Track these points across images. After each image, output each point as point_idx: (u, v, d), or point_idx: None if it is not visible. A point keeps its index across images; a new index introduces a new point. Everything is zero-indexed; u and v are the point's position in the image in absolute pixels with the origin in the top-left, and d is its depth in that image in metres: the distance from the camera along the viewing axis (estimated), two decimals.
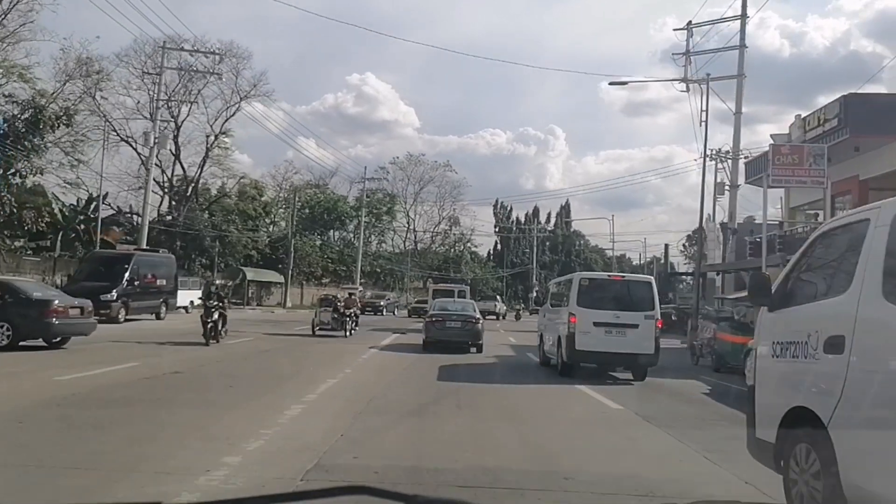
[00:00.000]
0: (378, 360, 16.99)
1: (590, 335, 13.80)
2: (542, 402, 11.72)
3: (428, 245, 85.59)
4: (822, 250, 5.21)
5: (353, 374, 13.82)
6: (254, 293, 55.85)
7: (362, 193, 63.44)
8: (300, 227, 61.90)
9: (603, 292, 14.61)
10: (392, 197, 73.47)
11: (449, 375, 14.44)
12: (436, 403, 10.38)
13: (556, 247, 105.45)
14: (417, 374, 14.49)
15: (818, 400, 4.41)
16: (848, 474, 4.02)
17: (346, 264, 66.51)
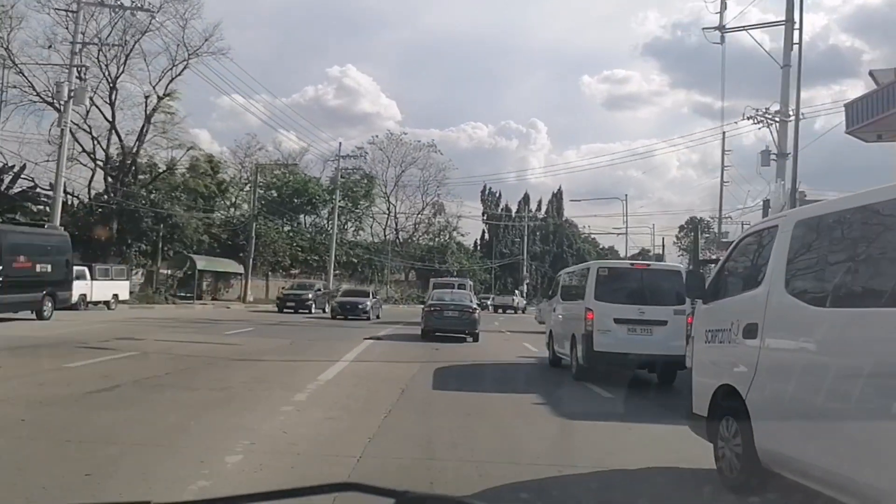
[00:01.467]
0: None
1: (610, 334, 12.15)
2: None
3: (410, 233, 78.12)
4: (743, 251, 6.19)
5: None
6: (209, 286, 48.16)
7: (336, 173, 55.81)
8: (264, 209, 54.20)
9: (624, 283, 12.85)
10: (370, 178, 65.82)
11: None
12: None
13: (548, 237, 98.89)
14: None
15: (738, 378, 5.29)
16: (761, 439, 4.93)
17: (319, 253, 58.93)
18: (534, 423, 7.97)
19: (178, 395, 8.59)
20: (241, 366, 11.98)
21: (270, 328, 21.71)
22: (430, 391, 10.09)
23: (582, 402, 10.24)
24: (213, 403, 8.17)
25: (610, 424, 8.02)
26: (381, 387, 10.02)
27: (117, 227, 38.35)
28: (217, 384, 9.55)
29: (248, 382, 9.89)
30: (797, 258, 4.99)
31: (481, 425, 7.61)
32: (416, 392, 9.76)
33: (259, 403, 8.30)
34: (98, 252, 37.30)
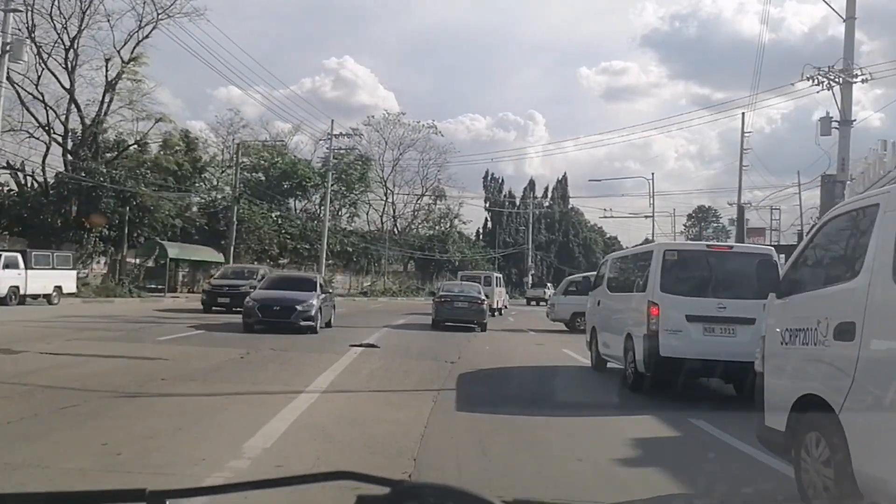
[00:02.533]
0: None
1: (681, 335, 9.57)
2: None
3: (409, 221, 73.21)
4: (830, 236, 5.29)
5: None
6: (186, 276, 43.35)
7: (329, 153, 50.84)
8: (248, 192, 49.33)
9: (698, 271, 10.39)
10: (366, 160, 60.75)
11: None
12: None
13: (553, 225, 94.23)
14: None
15: (829, 387, 4.46)
16: (859, 462, 4.04)
17: (310, 241, 54.07)
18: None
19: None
20: (139, 406, 7.21)
21: (225, 329, 16.86)
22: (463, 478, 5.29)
23: (651, 425, 7.49)
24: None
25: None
26: (367, 463, 5.22)
27: (76, 210, 33.49)
28: (58, 456, 4.79)
29: (113, 455, 5.10)
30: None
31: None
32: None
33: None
34: (52, 239, 32.53)
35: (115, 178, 32.79)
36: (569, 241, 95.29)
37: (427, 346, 15.02)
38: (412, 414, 7.26)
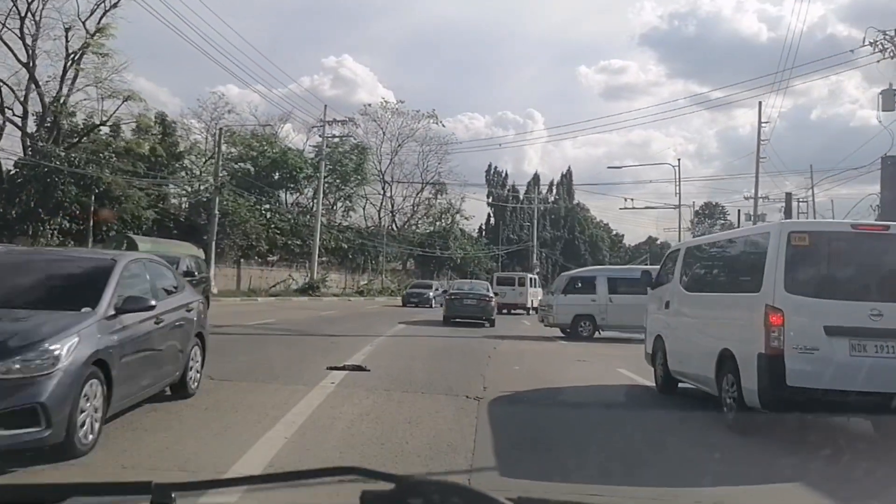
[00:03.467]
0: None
1: (817, 355, 6.62)
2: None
3: (409, 216, 69.24)
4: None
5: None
6: None
7: (322, 140, 46.93)
8: (235, 183, 45.44)
9: (842, 263, 7.34)
10: (362, 150, 56.69)
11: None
12: None
13: (559, 221, 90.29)
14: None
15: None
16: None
17: (302, 237, 50.11)
18: None
19: None
20: None
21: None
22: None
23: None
24: None
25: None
26: None
27: (33, 200, 29.54)
28: None
29: None
30: None
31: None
32: None
33: None
34: (4, 232, 28.64)
35: (74, 161, 28.70)
36: (574, 238, 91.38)
37: (437, 366, 11.07)
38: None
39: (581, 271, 23.20)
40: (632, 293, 16.76)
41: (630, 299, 17.13)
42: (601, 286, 18.69)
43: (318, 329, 16.86)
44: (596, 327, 18.59)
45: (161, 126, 38.26)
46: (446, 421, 6.72)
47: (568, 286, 19.61)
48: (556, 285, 21.30)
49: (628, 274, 19.55)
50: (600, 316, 18.41)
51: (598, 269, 25.45)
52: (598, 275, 19.82)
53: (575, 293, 19.04)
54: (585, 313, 18.60)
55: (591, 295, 18.58)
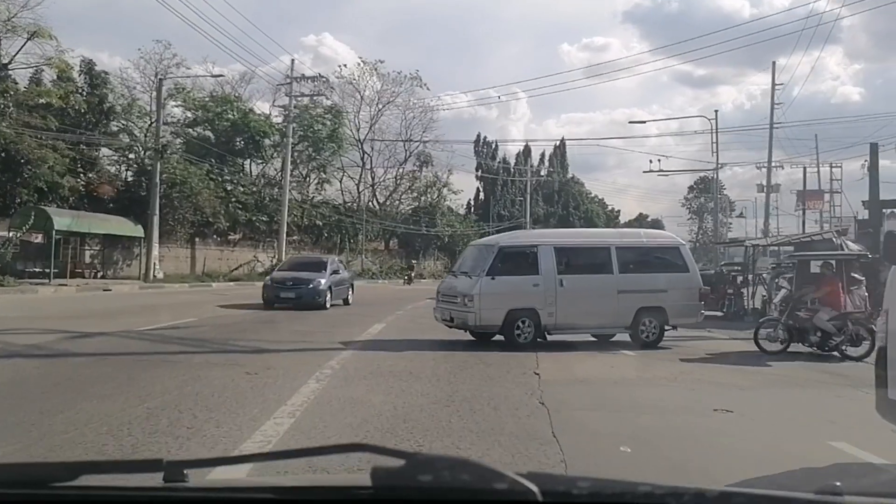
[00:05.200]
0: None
1: None
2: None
3: (391, 190, 62.84)
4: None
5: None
6: (97, 256, 32.89)
7: (289, 98, 40.31)
8: (186, 149, 38.95)
9: None
10: (337, 113, 50.09)
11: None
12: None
13: (552, 196, 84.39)
14: None
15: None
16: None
17: (269, 213, 43.74)
18: None
19: None
20: None
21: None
22: None
23: None
24: None
25: None
26: None
27: None
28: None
29: None
30: None
31: None
32: None
33: None
34: None
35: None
36: (569, 213, 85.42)
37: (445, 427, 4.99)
38: None
39: (514, 237, 14.71)
40: (594, 272, 12.28)
41: (592, 282, 12.12)
42: (546, 261, 11.83)
43: (230, 341, 10.72)
44: (540, 329, 11.70)
45: (87, 76, 31.52)
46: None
47: (495, 263, 11.81)
48: (471, 260, 12.94)
49: (589, 241, 13.61)
50: (547, 310, 11.64)
51: (538, 233, 17.59)
52: (540, 243, 12.26)
53: (506, 273, 11.83)
54: (523, 306, 11.64)
55: (532, 276, 11.81)
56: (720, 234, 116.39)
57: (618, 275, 12.06)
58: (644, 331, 12.06)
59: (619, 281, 12.02)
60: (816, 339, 11.59)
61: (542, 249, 11.96)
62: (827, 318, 11.43)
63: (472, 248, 14.13)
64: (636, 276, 12.28)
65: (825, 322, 11.45)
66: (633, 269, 12.34)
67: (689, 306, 12.47)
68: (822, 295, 11.84)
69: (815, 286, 12.27)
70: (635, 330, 12.02)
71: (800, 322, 11.67)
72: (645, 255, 12.89)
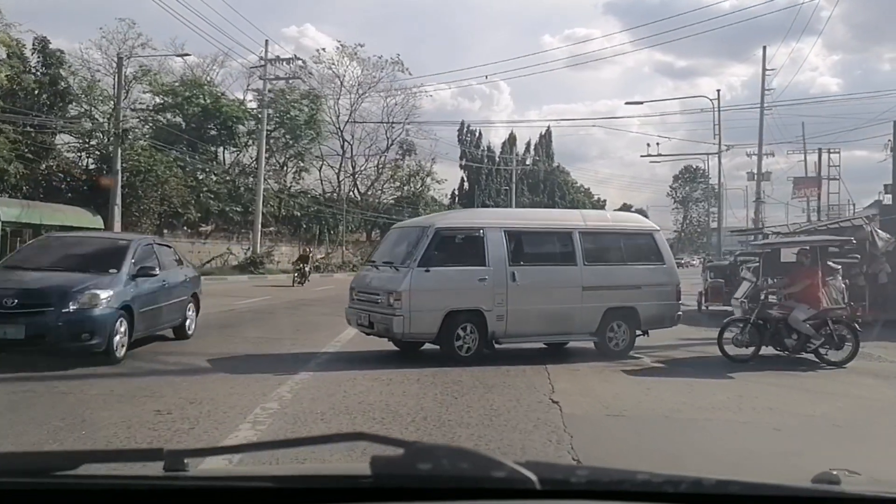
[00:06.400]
0: None
1: None
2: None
3: (373, 180, 60.60)
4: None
5: None
6: None
7: (264, 81, 37.94)
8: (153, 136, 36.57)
9: None
10: (315, 98, 47.67)
11: None
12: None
13: (538, 185, 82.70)
14: None
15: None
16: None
17: (243, 203, 41.46)
18: None
19: None
20: None
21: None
22: None
23: None
24: None
25: None
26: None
27: None
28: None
29: None
30: None
31: None
32: None
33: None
34: None
35: None
36: (555, 203, 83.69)
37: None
38: None
39: (454, 217, 12.04)
40: (554, 262, 10.02)
41: (552, 276, 9.80)
42: (496, 248, 9.38)
43: (156, 358, 8.61)
44: (487, 337, 9.24)
45: (41, 56, 29.01)
46: None
47: (430, 250, 9.16)
48: (397, 247, 10.16)
49: (547, 224, 10.70)
50: (496, 312, 9.21)
51: (485, 213, 15.15)
52: (488, 225, 9.71)
53: (445, 264, 9.21)
54: (466, 307, 9.14)
55: (478, 268, 9.29)
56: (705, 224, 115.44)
57: (582, 267, 9.75)
58: (613, 338, 9.85)
59: (585, 274, 9.73)
60: (792, 343, 9.60)
61: (490, 233, 9.40)
62: (804, 317, 9.47)
63: (399, 231, 10.83)
64: (604, 268, 9.95)
65: (802, 323, 9.48)
66: (599, 259, 10.04)
67: (666, 306, 10.28)
68: (801, 290, 9.81)
69: (790, 278, 10.21)
70: (602, 337, 9.77)
71: (772, 322, 9.68)
72: (614, 242, 10.49)
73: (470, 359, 8.82)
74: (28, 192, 28.33)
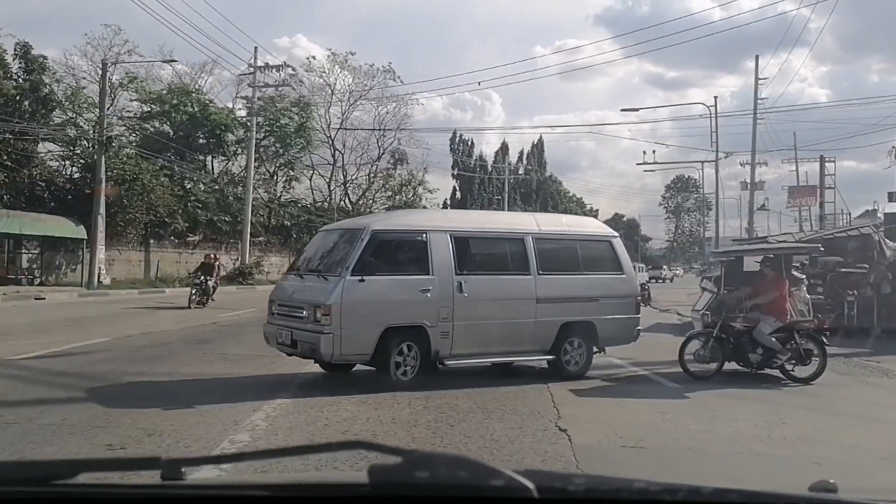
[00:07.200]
0: None
1: None
2: None
3: (365, 189, 59.89)
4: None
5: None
6: (34, 260, 29.66)
7: (253, 89, 37.27)
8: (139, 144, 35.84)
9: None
10: (305, 106, 47.00)
11: None
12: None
13: (530, 195, 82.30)
14: None
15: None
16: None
17: (232, 213, 40.67)
18: None
19: None
20: None
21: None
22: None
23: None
24: None
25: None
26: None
27: None
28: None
29: None
30: None
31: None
32: None
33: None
34: None
35: None
36: (546, 212, 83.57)
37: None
38: None
39: (392, 219, 10.38)
40: (505, 271, 8.93)
41: (504, 287, 8.70)
42: (441, 255, 8.29)
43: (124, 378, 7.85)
44: (430, 357, 8.12)
45: (23, 62, 28.24)
46: None
47: (365, 256, 7.90)
48: (325, 252, 8.90)
49: (497, 228, 9.45)
50: (440, 329, 8.12)
51: (427, 215, 13.15)
52: (431, 228, 8.52)
53: (382, 272, 7.98)
54: (407, 322, 8.05)
55: (421, 277, 8.19)
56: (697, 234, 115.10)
57: (536, 276, 8.79)
58: (569, 357, 8.91)
59: (539, 285, 8.77)
60: (757, 358, 8.95)
61: (434, 238, 8.26)
62: (770, 330, 8.86)
63: (328, 234, 9.45)
64: (560, 278, 9.01)
65: (767, 336, 8.85)
66: (555, 268, 9.11)
67: (625, 321, 9.39)
68: (768, 301, 9.17)
69: (754, 288, 9.57)
70: (558, 356, 8.83)
71: (735, 336, 9.02)
72: (570, 249, 9.52)
73: (409, 383, 7.76)
74: (9, 201, 27.57)
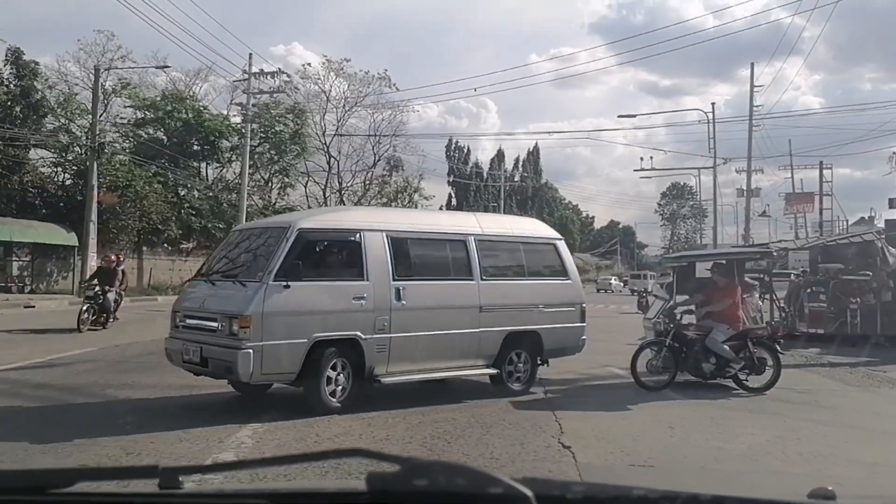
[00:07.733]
0: None
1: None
2: None
3: (360, 195, 59.52)
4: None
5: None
6: (25, 267, 29.31)
7: (247, 95, 36.99)
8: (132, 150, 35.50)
9: None
10: (300, 112, 46.72)
11: None
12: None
13: (526, 202, 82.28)
14: None
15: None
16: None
17: (226, 220, 40.30)
18: None
19: None
20: None
21: None
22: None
23: None
24: None
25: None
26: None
27: None
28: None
29: None
30: None
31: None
32: None
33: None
34: None
35: None
36: (543, 220, 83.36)
37: None
38: None
39: (321, 216, 9.25)
40: (447, 276, 8.15)
41: (445, 294, 7.93)
42: (376, 257, 7.42)
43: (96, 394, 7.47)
44: (363, 373, 7.23)
45: (14, 67, 27.94)
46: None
47: (290, 258, 6.87)
48: (242, 254, 7.76)
49: (437, 229, 8.48)
50: (376, 342, 7.24)
51: (360, 213, 11.22)
52: (366, 228, 7.57)
53: (309, 277, 6.96)
54: (338, 334, 7.11)
55: (354, 283, 7.29)
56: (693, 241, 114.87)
57: (479, 282, 8.06)
58: (513, 370, 8.26)
59: (483, 292, 8.05)
60: (710, 367, 8.63)
61: (369, 238, 7.36)
62: (723, 338, 8.58)
63: (246, 233, 8.25)
64: (504, 284, 8.38)
65: (720, 345, 8.55)
66: (498, 273, 8.48)
67: (571, 330, 8.80)
68: (721, 309, 8.87)
69: (705, 295, 9.25)
70: (501, 370, 8.14)
71: (687, 345, 8.70)
72: (514, 253, 8.84)
73: (343, 407, 6.84)
74: (0, 208, 27.25)
